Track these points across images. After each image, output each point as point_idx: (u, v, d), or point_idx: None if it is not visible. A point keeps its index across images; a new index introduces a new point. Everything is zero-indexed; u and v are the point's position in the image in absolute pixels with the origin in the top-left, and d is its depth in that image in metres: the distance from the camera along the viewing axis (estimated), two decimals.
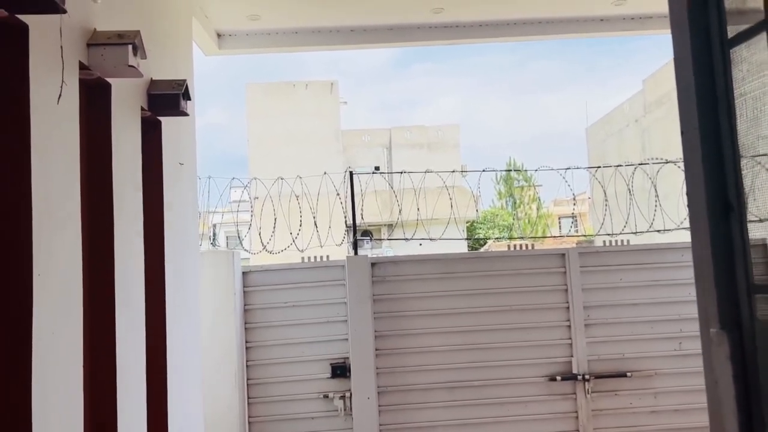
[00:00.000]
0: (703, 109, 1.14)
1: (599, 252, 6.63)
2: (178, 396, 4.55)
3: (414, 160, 26.08)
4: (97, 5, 3.37)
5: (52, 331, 2.80)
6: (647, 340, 6.45)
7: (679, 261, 6.52)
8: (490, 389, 6.39)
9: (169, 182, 4.53)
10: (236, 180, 6.88)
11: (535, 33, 6.81)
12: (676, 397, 6.40)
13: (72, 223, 3.06)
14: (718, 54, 1.15)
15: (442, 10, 6.23)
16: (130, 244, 3.77)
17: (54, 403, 2.82)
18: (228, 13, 6.18)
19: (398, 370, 6.37)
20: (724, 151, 1.16)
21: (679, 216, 6.99)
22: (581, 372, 6.37)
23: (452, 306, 6.44)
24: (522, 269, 6.52)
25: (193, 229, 5.38)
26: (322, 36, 6.64)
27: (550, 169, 7.04)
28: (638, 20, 6.70)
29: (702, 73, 1.16)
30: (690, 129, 1.15)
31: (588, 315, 6.44)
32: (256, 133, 25.79)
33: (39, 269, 2.68)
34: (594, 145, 20.69)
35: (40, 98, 2.75)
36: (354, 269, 6.38)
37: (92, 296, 3.38)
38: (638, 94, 17.80)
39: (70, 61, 2.97)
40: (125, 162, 3.75)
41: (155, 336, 4.23)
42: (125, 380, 3.57)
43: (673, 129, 9.14)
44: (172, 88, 4.21)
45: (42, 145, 2.75)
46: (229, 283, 6.20)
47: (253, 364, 6.36)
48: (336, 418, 6.32)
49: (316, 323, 6.41)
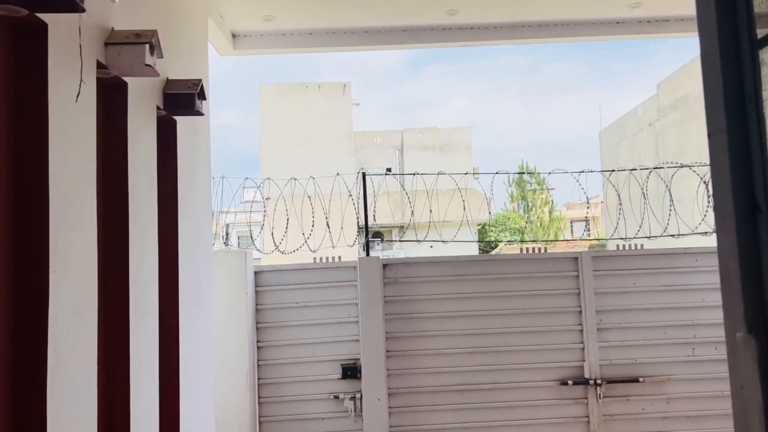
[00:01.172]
0: (731, 111, 1.13)
1: (612, 256, 6.58)
2: (190, 395, 4.56)
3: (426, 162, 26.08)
4: (115, 5, 3.39)
5: (67, 328, 2.81)
6: (660, 346, 6.40)
7: (693, 266, 6.47)
8: (501, 393, 6.36)
9: (183, 181, 4.54)
10: (249, 180, 6.90)
11: (550, 35, 6.79)
12: (689, 404, 6.35)
13: (88, 222, 3.08)
14: (747, 55, 1.13)
15: (457, 11, 6.22)
16: (144, 243, 3.78)
17: (68, 400, 2.83)
18: (243, 13, 6.20)
19: (409, 372, 6.36)
20: (752, 153, 1.15)
21: (694, 220, 6.94)
22: (593, 376, 6.32)
23: (464, 308, 6.42)
24: (534, 272, 6.49)
25: (207, 228, 5.40)
26: (336, 37, 6.65)
27: (564, 172, 7.00)
28: (654, 23, 6.65)
29: (730, 74, 1.14)
30: (716, 131, 1.14)
31: (600, 319, 6.40)
32: (269, 134, 25.90)
33: (55, 266, 2.70)
34: (607, 148, 20.59)
35: (59, 96, 2.76)
36: (365, 270, 6.37)
37: (107, 294, 3.39)
38: (652, 97, 17.70)
39: (88, 60, 2.99)
40: (141, 161, 3.77)
41: (168, 335, 4.25)
42: (138, 379, 3.58)
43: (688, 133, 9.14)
44: (188, 88, 4.23)
45: (60, 144, 2.76)
46: (241, 282, 6.22)
47: (264, 363, 6.37)
48: (346, 419, 6.32)
49: (327, 324, 6.41)
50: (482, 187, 7.65)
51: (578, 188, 6.90)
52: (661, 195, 7.01)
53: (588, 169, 6.97)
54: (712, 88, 1.16)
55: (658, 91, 17.32)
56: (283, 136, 25.58)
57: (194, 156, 4.98)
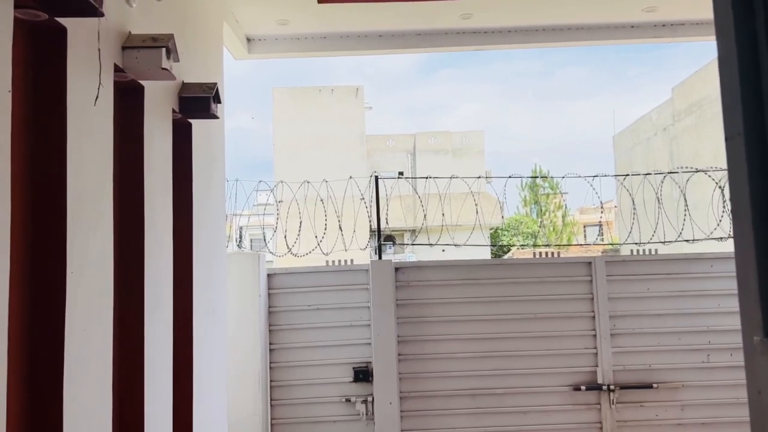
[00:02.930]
0: (749, 114, 1.13)
1: (626, 261, 6.55)
2: (203, 396, 4.59)
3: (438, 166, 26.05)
4: (132, 9, 3.43)
5: (84, 328, 2.84)
6: (674, 352, 6.35)
7: (708, 272, 6.41)
8: (513, 397, 6.34)
9: (198, 184, 4.58)
10: (263, 183, 6.94)
11: (563, 39, 6.77)
12: (704, 410, 6.29)
13: (104, 223, 3.11)
14: (765, 57, 1.13)
15: (470, 15, 6.22)
16: (160, 245, 3.81)
17: (84, 400, 2.86)
18: (258, 18, 6.24)
19: (421, 375, 6.35)
20: None
21: (709, 226, 6.89)
22: (606, 382, 6.28)
23: (476, 313, 6.41)
24: (547, 277, 6.47)
25: (221, 231, 5.43)
26: (350, 41, 6.68)
27: (578, 176, 6.97)
28: (669, 27, 6.62)
29: (747, 77, 1.14)
30: (735, 134, 1.13)
31: (614, 324, 6.36)
32: (283, 137, 26.02)
33: (72, 267, 2.73)
34: (621, 153, 20.48)
35: (77, 99, 2.80)
36: (378, 273, 6.38)
37: (123, 295, 3.42)
38: (667, 102, 17.58)
39: (106, 64, 3.03)
40: (156, 163, 3.80)
41: (182, 336, 4.27)
42: (152, 378, 3.61)
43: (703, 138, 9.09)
44: (203, 91, 4.26)
45: (77, 146, 2.80)
46: (254, 285, 6.24)
47: (277, 366, 6.39)
48: (358, 422, 6.32)
49: (339, 327, 6.42)
50: (495, 191, 7.63)
51: (592, 192, 6.87)
52: (675, 200, 6.96)
53: (602, 174, 6.92)
54: (729, 91, 1.16)
55: (673, 96, 17.20)
56: (297, 139, 25.69)
57: (209, 159, 5.01)
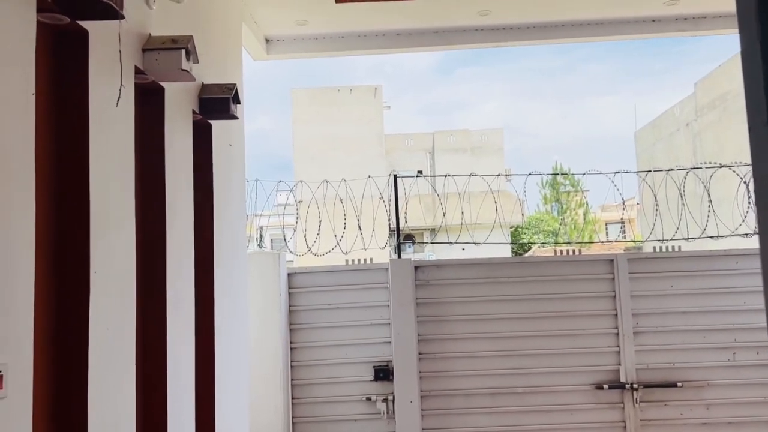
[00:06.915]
0: None
1: (649, 258, 6.46)
2: (225, 394, 4.62)
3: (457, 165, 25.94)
4: (152, 11, 3.47)
5: (107, 327, 2.88)
6: (699, 350, 6.25)
7: (733, 268, 6.31)
8: (535, 396, 6.30)
9: (219, 184, 4.61)
10: (282, 183, 6.98)
11: (584, 35, 6.70)
12: (730, 410, 6.19)
13: (127, 223, 3.15)
14: None
15: (489, 12, 6.19)
16: (181, 245, 3.85)
17: (108, 398, 2.90)
18: (276, 19, 6.27)
19: (441, 374, 6.34)
20: None
21: (734, 222, 6.77)
22: (629, 381, 6.21)
23: (496, 311, 6.38)
24: (569, 275, 6.41)
25: (241, 231, 5.47)
26: (368, 40, 6.68)
27: (599, 173, 6.90)
28: (691, 20, 6.52)
29: None
30: (758, 124, 1.12)
31: (637, 323, 6.29)
32: (301, 138, 26.13)
33: (95, 267, 2.77)
34: (643, 149, 20.23)
35: (99, 101, 2.84)
36: (397, 272, 6.37)
37: (145, 295, 3.46)
38: (689, 97, 17.33)
39: (127, 66, 3.06)
40: (177, 164, 3.84)
41: (204, 336, 4.31)
42: (175, 378, 3.64)
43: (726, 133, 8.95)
44: (223, 92, 4.30)
45: (99, 147, 2.84)
46: (274, 284, 6.28)
47: (298, 364, 6.42)
48: (379, 421, 6.32)
49: (359, 325, 6.43)
50: (515, 188, 7.58)
51: (613, 189, 6.79)
52: (699, 196, 6.86)
53: (623, 170, 6.84)
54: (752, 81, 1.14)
55: (696, 91, 16.95)
56: (316, 139, 25.79)
57: (229, 159, 5.05)
